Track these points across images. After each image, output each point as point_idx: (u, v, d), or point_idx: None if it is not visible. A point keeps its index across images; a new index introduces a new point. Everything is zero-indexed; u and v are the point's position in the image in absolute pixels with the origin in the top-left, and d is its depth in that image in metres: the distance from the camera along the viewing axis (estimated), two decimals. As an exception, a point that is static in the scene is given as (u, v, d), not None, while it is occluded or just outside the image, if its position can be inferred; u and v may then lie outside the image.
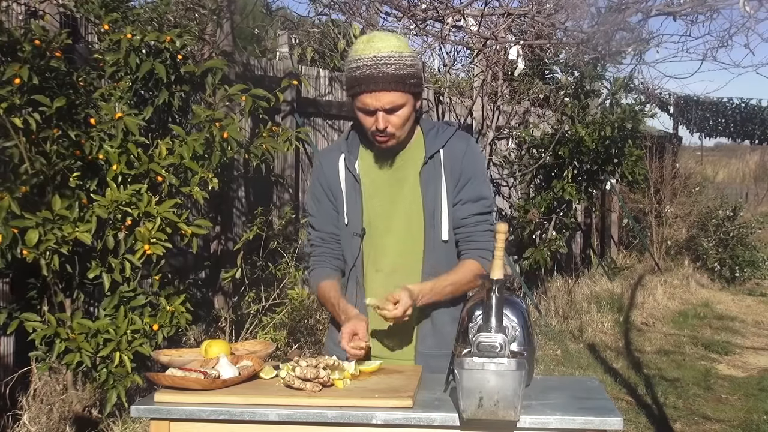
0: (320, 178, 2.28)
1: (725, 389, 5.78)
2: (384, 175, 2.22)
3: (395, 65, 2.06)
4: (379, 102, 2.07)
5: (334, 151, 2.28)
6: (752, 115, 18.57)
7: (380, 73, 2.05)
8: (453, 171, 2.19)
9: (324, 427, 1.72)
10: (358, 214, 2.20)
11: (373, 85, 2.06)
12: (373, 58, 2.06)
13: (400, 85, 2.07)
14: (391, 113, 2.09)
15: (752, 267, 10.54)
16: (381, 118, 2.09)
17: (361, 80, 2.06)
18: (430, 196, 2.18)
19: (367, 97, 2.07)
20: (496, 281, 1.80)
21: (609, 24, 5.46)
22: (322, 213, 2.28)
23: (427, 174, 2.19)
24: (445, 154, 2.20)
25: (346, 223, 2.22)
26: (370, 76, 2.05)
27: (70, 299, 3.74)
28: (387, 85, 2.06)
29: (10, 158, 3.36)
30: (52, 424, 3.73)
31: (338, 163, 2.24)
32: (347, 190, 2.22)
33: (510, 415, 1.63)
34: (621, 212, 10.95)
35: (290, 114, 5.79)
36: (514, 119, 7.58)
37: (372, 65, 2.05)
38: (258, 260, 4.98)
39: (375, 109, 2.08)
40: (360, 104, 2.10)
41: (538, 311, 7.34)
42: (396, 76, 2.06)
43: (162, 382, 1.79)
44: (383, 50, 2.07)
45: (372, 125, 2.11)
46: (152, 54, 3.83)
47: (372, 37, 2.14)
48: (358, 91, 2.08)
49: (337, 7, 5.90)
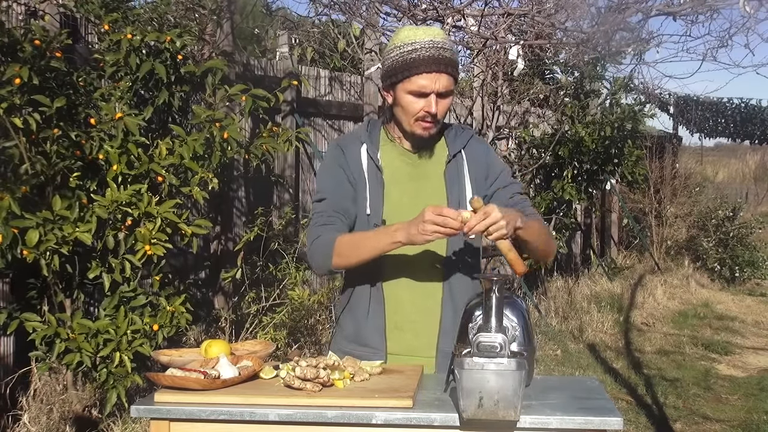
0: (342, 164, 2.22)
1: (725, 389, 5.78)
2: (406, 169, 2.22)
3: (450, 50, 2.11)
4: (437, 84, 2.08)
5: (354, 141, 2.25)
6: (752, 115, 18.54)
7: (440, 56, 2.07)
8: (478, 170, 2.22)
9: (324, 427, 1.72)
10: (380, 204, 2.18)
11: (435, 66, 2.07)
12: (430, 41, 2.08)
13: (454, 71, 2.11)
14: (442, 98, 2.12)
15: (752, 267, 10.55)
16: (434, 100, 2.10)
17: (420, 61, 2.07)
18: (455, 193, 2.19)
19: (425, 78, 2.07)
20: (496, 281, 1.80)
21: (609, 24, 5.46)
22: (340, 191, 2.20)
23: (451, 172, 2.21)
24: (468, 154, 2.23)
25: (368, 212, 2.18)
26: (431, 58, 2.07)
27: (70, 299, 3.75)
28: (446, 68, 2.08)
29: (10, 158, 3.36)
30: (52, 424, 3.73)
31: (360, 151, 2.22)
32: (369, 179, 2.19)
33: (510, 415, 1.63)
34: (621, 212, 10.95)
35: (290, 114, 5.79)
36: (514, 119, 7.57)
37: (431, 47, 2.07)
38: (258, 260, 4.98)
39: (430, 92, 2.09)
40: (414, 87, 2.09)
41: (538, 311, 7.34)
42: (453, 60, 2.11)
43: (162, 382, 1.79)
44: (437, 36, 2.10)
45: (422, 109, 2.11)
46: (152, 54, 3.83)
47: (416, 28, 2.17)
48: (415, 72, 2.07)
49: (337, 7, 5.90)
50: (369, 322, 2.18)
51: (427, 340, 2.17)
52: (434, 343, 2.17)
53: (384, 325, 2.17)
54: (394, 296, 2.17)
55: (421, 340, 2.17)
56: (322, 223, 2.18)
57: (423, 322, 2.17)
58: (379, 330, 2.17)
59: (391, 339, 2.17)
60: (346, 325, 2.26)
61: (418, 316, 2.17)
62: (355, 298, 2.23)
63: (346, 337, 2.24)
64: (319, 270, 2.20)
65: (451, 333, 2.12)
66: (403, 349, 2.17)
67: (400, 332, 2.18)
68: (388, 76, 2.14)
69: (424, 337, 2.17)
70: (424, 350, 2.17)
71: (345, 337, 2.24)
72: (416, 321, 2.17)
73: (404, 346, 2.17)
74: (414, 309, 2.17)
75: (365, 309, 2.19)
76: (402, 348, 2.17)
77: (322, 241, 2.14)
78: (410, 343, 2.18)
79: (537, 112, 8.23)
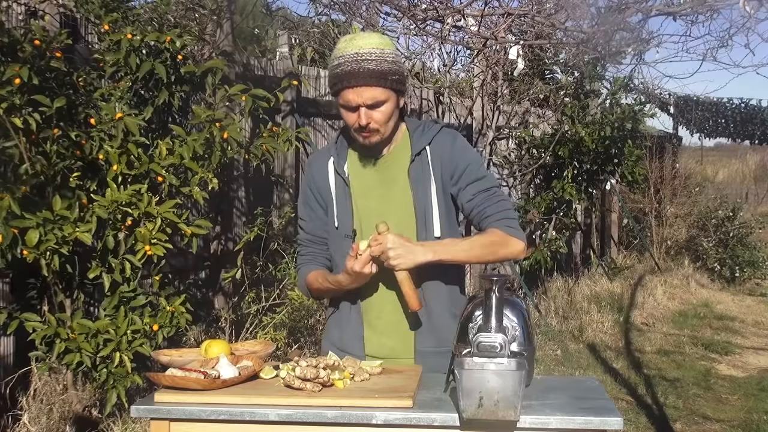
0: (310, 183, 2.30)
1: (725, 389, 5.78)
2: (373, 176, 2.23)
3: (376, 61, 2.07)
4: (361, 98, 2.08)
5: (323, 156, 2.29)
6: (752, 115, 18.55)
7: (361, 69, 2.06)
8: (443, 166, 2.18)
9: (324, 427, 1.72)
10: (348, 215, 2.20)
11: (354, 81, 2.06)
12: (354, 54, 2.07)
13: (381, 81, 2.08)
14: (373, 109, 2.10)
15: (752, 267, 10.55)
16: (363, 113, 2.09)
17: (342, 76, 2.08)
18: (420, 194, 2.18)
19: (349, 92, 2.08)
20: (496, 281, 1.80)
21: (609, 24, 5.46)
22: (312, 217, 2.30)
23: (416, 172, 2.19)
24: (432, 150, 2.19)
25: (336, 225, 2.22)
26: (351, 72, 2.06)
27: (70, 299, 3.74)
28: (368, 80, 2.06)
29: (10, 158, 3.36)
30: (52, 424, 3.73)
31: (327, 166, 2.25)
32: (337, 193, 2.23)
33: (510, 415, 1.63)
34: (621, 212, 10.95)
35: (290, 114, 5.79)
36: (514, 119, 7.58)
37: (353, 61, 2.07)
38: (258, 260, 4.98)
39: (357, 105, 2.09)
40: (342, 101, 2.11)
41: (538, 311, 7.34)
42: (377, 71, 2.07)
43: (162, 382, 1.79)
44: (364, 47, 2.08)
45: (354, 122, 2.12)
46: (152, 54, 3.83)
47: (354, 36, 2.15)
48: (340, 88, 2.09)
49: (337, 7, 5.90)
50: (349, 327, 2.23)
51: (404, 341, 2.19)
52: (411, 344, 2.19)
53: (362, 330, 2.20)
54: (371, 300, 2.20)
55: (398, 342, 2.19)
56: (303, 253, 2.33)
57: (399, 324, 2.18)
58: (357, 335, 2.21)
59: (369, 343, 2.20)
60: (331, 330, 2.31)
61: (393, 317, 2.19)
62: (337, 304, 2.28)
63: (331, 342, 2.27)
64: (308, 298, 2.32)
65: (428, 333, 2.17)
66: (381, 352, 2.19)
67: (377, 335, 2.21)
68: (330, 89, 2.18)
69: (401, 339, 2.19)
70: (402, 352, 2.19)
71: (331, 342, 2.28)
72: (391, 323, 2.19)
73: (382, 350, 2.19)
74: (388, 311, 2.19)
75: (347, 314, 2.24)
76: (380, 351, 2.19)
77: (300, 275, 2.33)
78: (388, 345, 2.20)
79: (537, 112, 8.22)
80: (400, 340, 2.19)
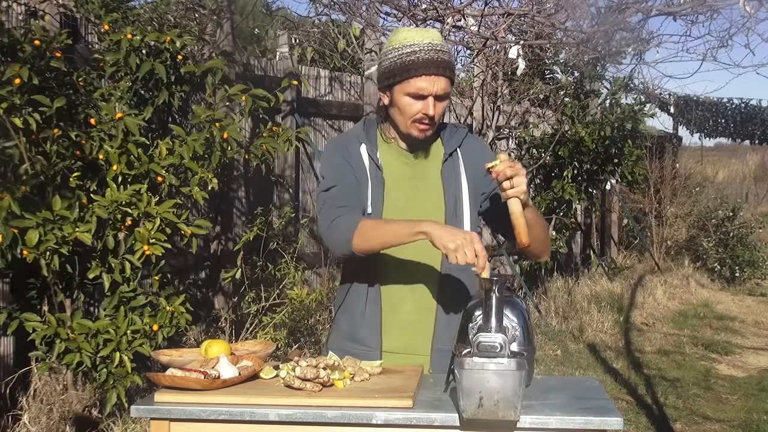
0: (346, 157, 2.21)
1: (725, 389, 5.78)
2: (404, 169, 2.23)
3: (448, 53, 2.13)
4: (435, 87, 2.09)
5: (353, 140, 2.25)
6: (752, 115, 18.54)
7: (439, 59, 2.09)
8: (473, 168, 2.22)
9: (324, 427, 1.72)
10: (380, 204, 2.19)
11: (434, 69, 2.08)
12: (429, 44, 2.09)
13: (452, 74, 2.12)
14: (439, 101, 2.13)
15: (752, 267, 10.55)
16: (431, 103, 2.11)
17: (419, 64, 2.08)
18: (452, 192, 2.20)
19: (424, 80, 2.08)
20: (496, 281, 1.80)
21: (609, 24, 5.46)
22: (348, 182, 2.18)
23: (448, 171, 2.22)
24: (463, 153, 2.24)
25: (369, 211, 2.18)
26: (430, 60, 2.08)
27: (70, 299, 3.74)
28: (444, 70, 2.09)
29: (10, 158, 3.36)
30: (52, 424, 3.73)
31: (360, 150, 2.22)
32: (372, 178, 2.20)
33: (510, 415, 1.63)
34: (621, 212, 10.95)
35: (290, 114, 5.79)
36: (514, 119, 7.58)
37: (430, 50, 2.08)
38: (258, 260, 4.98)
39: (428, 95, 2.10)
40: (412, 89, 2.09)
41: (538, 311, 7.34)
42: (450, 63, 2.12)
43: (162, 382, 1.79)
44: (435, 39, 2.11)
45: (420, 111, 2.12)
46: (152, 54, 3.83)
47: (413, 29, 2.17)
48: (414, 75, 2.08)
49: (337, 7, 5.90)
50: (365, 321, 2.19)
51: (423, 338, 2.18)
52: (429, 341, 2.18)
53: (380, 324, 2.18)
54: (391, 295, 2.18)
55: (416, 338, 2.18)
56: (340, 205, 2.14)
57: (419, 321, 2.18)
58: (374, 329, 2.18)
59: (386, 337, 2.18)
60: (342, 323, 2.27)
61: (413, 314, 2.18)
62: (351, 297, 2.24)
63: (343, 335, 2.25)
64: (336, 250, 2.12)
65: (446, 331, 2.15)
66: (398, 347, 2.18)
67: (395, 331, 2.18)
68: (386, 77, 2.14)
69: (420, 336, 2.18)
70: (420, 348, 2.18)
71: (341, 334, 2.25)
72: (412, 320, 2.18)
73: (400, 344, 2.18)
74: (410, 308, 2.18)
75: (362, 308, 2.20)
76: (397, 346, 2.18)
77: (342, 221, 2.09)
78: (406, 340, 2.18)
79: (537, 112, 8.22)
80: (419, 336, 2.18)
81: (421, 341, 2.18)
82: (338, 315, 2.30)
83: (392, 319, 2.18)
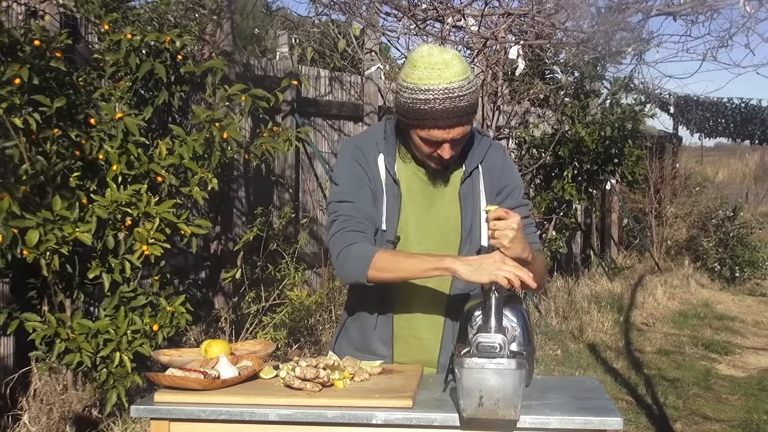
0: (363, 164, 2.11)
1: (725, 389, 5.78)
2: (420, 185, 2.15)
3: (467, 96, 1.95)
4: (450, 135, 1.97)
5: (370, 147, 2.14)
6: (752, 115, 18.53)
7: (454, 108, 1.93)
8: (492, 184, 2.16)
9: (324, 427, 1.72)
10: (395, 219, 2.12)
11: (448, 121, 1.94)
12: (444, 90, 1.92)
13: (471, 117, 1.99)
14: (457, 143, 2.03)
15: (752, 267, 10.54)
16: (448, 148, 2.00)
17: (433, 114, 1.93)
18: (469, 210, 2.14)
19: (438, 132, 1.96)
20: (495, 281, 1.80)
21: (609, 24, 5.46)
22: (363, 196, 2.09)
23: (466, 189, 2.14)
24: (484, 168, 2.16)
25: (384, 228, 2.11)
26: (445, 111, 1.93)
27: (70, 299, 3.74)
28: (461, 119, 1.95)
29: (10, 158, 3.36)
30: (52, 424, 3.73)
31: (378, 160, 2.13)
32: (387, 193, 2.12)
33: (510, 414, 1.63)
34: (621, 212, 10.95)
35: (290, 114, 5.79)
36: (514, 119, 7.57)
37: (445, 99, 1.92)
38: (258, 260, 4.98)
39: (443, 141, 2.00)
40: (426, 135, 1.98)
41: (538, 311, 7.34)
42: (468, 108, 1.96)
43: (162, 382, 1.79)
44: (453, 81, 1.93)
45: (432, 152, 2.02)
46: (152, 54, 3.83)
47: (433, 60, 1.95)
48: (428, 126, 1.95)
49: (337, 7, 5.90)
50: (376, 334, 2.17)
51: (430, 354, 2.17)
52: (435, 357, 2.17)
53: (391, 337, 2.17)
54: (402, 310, 2.16)
55: (424, 355, 2.17)
56: (354, 229, 2.05)
57: (427, 338, 2.16)
58: (386, 341, 2.17)
59: (397, 349, 2.17)
60: (353, 332, 2.24)
61: (423, 332, 2.17)
62: (362, 308, 2.20)
63: (353, 345, 2.23)
64: (348, 278, 2.06)
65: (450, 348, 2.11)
66: (408, 360, 2.17)
67: (405, 345, 2.18)
68: (399, 113, 2.02)
69: (427, 352, 2.17)
70: (426, 362, 2.16)
71: (351, 344, 2.24)
72: (421, 336, 2.17)
73: (410, 358, 2.18)
74: (419, 324, 2.17)
75: (373, 320, 2.17)
76: (408, 359, 2.17)
77: (358, 249, 2.01)
78: (414, 356, 2.18)
79: (537, 112, 8.22)
80: (426, 353, 2.17)
81: (428, 357, 2.17)
82: (349, 323, 2.26)
83: (402, 334, 2.17)
